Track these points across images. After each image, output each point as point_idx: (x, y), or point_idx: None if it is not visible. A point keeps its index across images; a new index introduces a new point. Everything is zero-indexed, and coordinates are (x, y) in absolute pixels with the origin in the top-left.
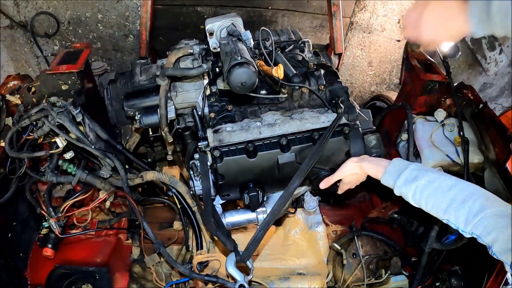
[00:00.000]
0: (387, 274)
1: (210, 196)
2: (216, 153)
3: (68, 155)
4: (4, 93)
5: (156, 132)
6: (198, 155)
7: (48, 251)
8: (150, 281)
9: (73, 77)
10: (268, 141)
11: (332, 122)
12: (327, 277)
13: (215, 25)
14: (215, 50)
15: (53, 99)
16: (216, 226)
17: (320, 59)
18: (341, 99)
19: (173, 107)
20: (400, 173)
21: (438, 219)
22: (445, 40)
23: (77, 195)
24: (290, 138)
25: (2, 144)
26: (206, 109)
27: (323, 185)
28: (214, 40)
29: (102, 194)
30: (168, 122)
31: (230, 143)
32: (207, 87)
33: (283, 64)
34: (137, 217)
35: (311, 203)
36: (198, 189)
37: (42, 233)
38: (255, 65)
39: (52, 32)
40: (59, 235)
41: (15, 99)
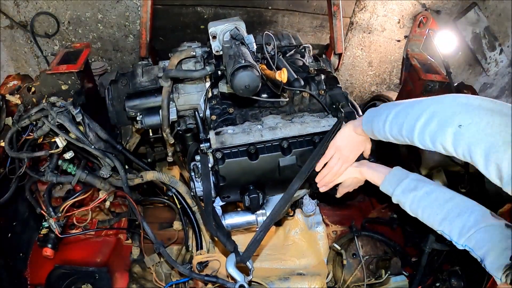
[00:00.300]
0: (387, 274)
1: (211, 198)
2: (218, 155)
3: (68, 155)
4: (4, 93)
5: (156, 133)
6: (200, 157)
7: (48, 251)
8: (150, 281)
9: (73, 77)
10: (270, 144)
11: (333, 126)
12: (327, 277)
13: (218, 29)
14: (218, 53)
15: (53, 99)
16: (217, 227)
17: (320, 64)
18: (342, 104)
19: (175, 109)
20: (400, 182)
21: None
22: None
23: (77, 195)
24: (291, 142)
25: (2, 144)
26: (208, 112)
27: (323, 188)
28: (217, 43)
29: (102, 194)
30: (170, 124)
31: (232, 145)
32: (209, 90)
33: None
34: (137, 217)
35: (310, 206)
36: (199, 190)
37: (42, 233)
38: (259, 69)
39: (52, 32)
40: (59, 235)
41: (15, 99)
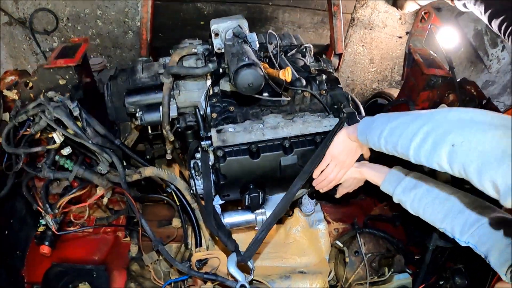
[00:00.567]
0: (390, 272)
1: (212, 196)
2: (220, 153)
3: (66, 151)
4: (1, 89)
5: (155, 130)
6: (201, 155)
7: (45, 249)
8: (149, 280)
9: (71, 72)
10: (272, 143)
11: (335, 127)
12: (329, 276)
13: (221, 26)
14: (220, 51)
15: (50, 94)
16: (217, 226)
17: (321, 65)
18: (343, 105)
19: (175, 106)
20: (400, 181)
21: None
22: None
23: (74, 191)
24: (293, 141)
25: None
26: (208, 109)
27: (322, 189)
28: (219, 41)
29: (100, 191)
30: (170, 121)
31: (234, 144)
32: (210, 87)
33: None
34: (135, 214)
35: (309, 206)
36: (199, 189)
37: (39, 231)
38: (262, 68)
39: (51, 29)
40: (56, 232)
41: (12, 95)
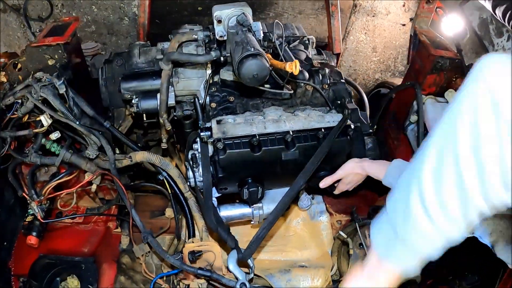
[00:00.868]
0: None
1: (211, 190)
2: (220, 145)
3: (54, 136)
4: None
5: (151, 118)
6: (200, 147)
7: (32, 239)
8: (139, 273)
9: (60, 51)
10: (273, 137)
11: (339, 122)
12: (332, 270)
13: (224, 13)
14: (221, 39)
15: (39, 75)
16: (217, 222)
17: (324, 58)
18: (347, 100)
19: (173, 94)
20: (401, 174)
21: None
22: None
23: (61, 177)
24: (295, 136)
25: None
26: (207, 99)
27: (323, 184)
28: (221, 28)
29: (88, 177)
30: (167, 109)
31: (234, 136)
32: (211, 76)
33: (291, 60)
34: (125, 202)
35: (305, 201)
36: (197, 181)
37: (27, 221)
38: (267, 58)
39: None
40: (41, 220)
41: (1, 77)
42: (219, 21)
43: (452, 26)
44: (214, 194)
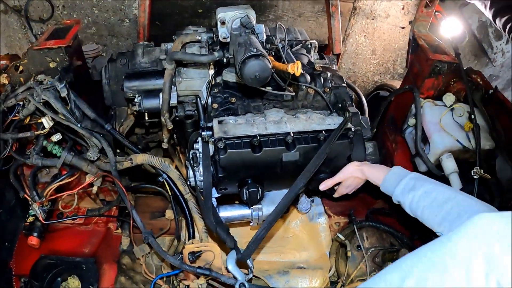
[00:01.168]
0: None
1: (211, 190)
2: (220, 145)
3: (55, 138)
4: None
5: (153, 118)
6: (201, 146)
7: (33, 240)
8: (140, 273)
9: (61, 53)
10: (274, 138)
11: (340, 125)
12: (330, 272)
13: (228, 15)
14: (225, 40)
15: (40, 77)
16: (216, 222)
17: (326, 62)
18: (348, 104)
19: (176, 93)
20: (399, 182)
21: None
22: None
23: (62, 178)
24: (296, 137)
25: None
26: (209, 100)
27: (323, 187)
28: (225, 30)
29: (89, 178)
30: (169, 108)
31: (235, 136)
32: (213, 77)
33: (293, 62)
34: (125, 203)
35: (305, 204)
36: (197, 181)
37: (28, 221)
38: (269, 59)
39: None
40: (43, 221)
41: (2, 79)
42: (223, 23)
43: (451, 30)
44: (214, 195)
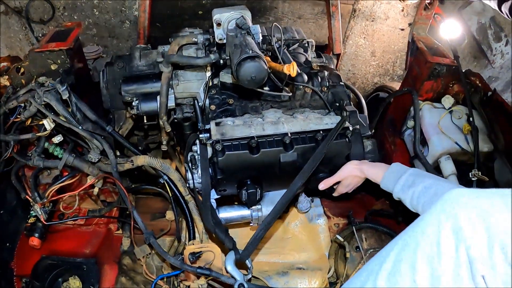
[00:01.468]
0: None
1: (210, 192)
2: (218, 147)
3: (57, 139)
4: None
5: (152, 120)
6: (199, 148)
7: (35, 241)
8: (140, 274)
9: (63, 56)
10: (272, 139)
11: (337, 124)
12: (329, 273)
13: (224, 16)
14: (221, 42)
15: (42, 79)
16: (215, 223)
17: (323, 61)
18: (346, 103)
19: (173, 96)
20: (398, 179)
21: None
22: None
23: (63, 180)
24: (294, 137)
25: None
26: (207, 101)
27: (322, 186)
28: (221, 31)
29: (90, 180)
30: (167, 111)
31: (233, 138)
32: (210, 79)
33: (289, 63)
34: (127, 204)
35: (305, 204)
36: (196, 183)
37: (30, 222)
38: (265, 61)
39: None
40: (44, 222)
41: (4, 81)
42: (219, 24)
43: (450, 32)
44: (213, 196)
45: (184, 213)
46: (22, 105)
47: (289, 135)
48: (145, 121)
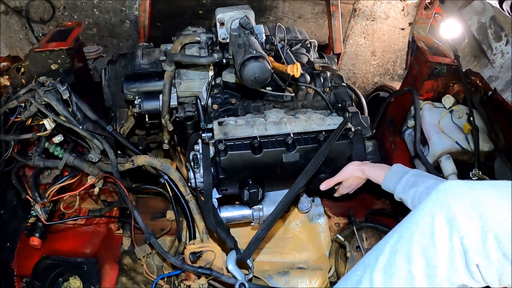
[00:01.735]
0: None
1: (212, 191)
2: (221, 146)
3: (57, 139)
4: None
5: (153, 119)
6: (202, 148)
7: (35, 241)
8: (141, 274)
9: (63, 55)
10: (274, 139)
11: (340, 125)
12: (329, 272)
13: (227, 15)
14: (224, 41)
15: (42, 79)
16: (216, 223)
17: (326, 61)
18: (348, 104)
19: (176, 95)
20: (400, 179)
21: None
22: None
23: (64, 180)
24: (296, 138)
25: None
26: (209, 101)
27: (324, 187)
28: (224, 31)
29: (91, 180)
30: (169, 110)
31: (236, 137)
32: (213, 78)
33: (293, 63)
34: (127, 204)
35: (306, 204)
36: (198, 182)
37: (30, 222)
38: (269, 61)
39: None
40: (45, 222)
41: (4, 80)
42: (222, 24)
43: (451, 31)
44: (215, 196)
45: (185, 213)
46: (23, 105)
47: (292, 136)
48: (147, 120)
